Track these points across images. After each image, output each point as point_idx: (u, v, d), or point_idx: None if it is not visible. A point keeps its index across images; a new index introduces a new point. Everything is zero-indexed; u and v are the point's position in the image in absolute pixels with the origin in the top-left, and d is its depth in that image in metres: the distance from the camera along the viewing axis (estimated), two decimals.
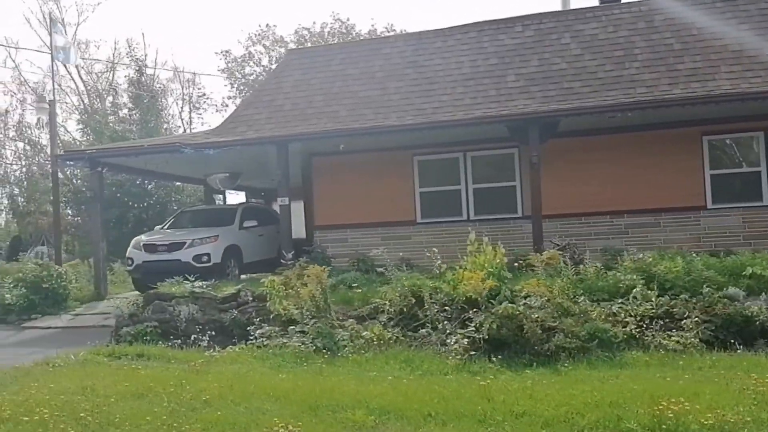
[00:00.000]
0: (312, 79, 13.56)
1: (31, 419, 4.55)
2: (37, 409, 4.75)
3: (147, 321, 8.82)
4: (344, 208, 13.42)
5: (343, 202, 13.40)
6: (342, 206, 13.44)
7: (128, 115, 27.65)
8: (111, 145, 16.38)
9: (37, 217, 39.24)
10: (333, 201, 13.48)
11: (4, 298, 12.03)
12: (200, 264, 12.79)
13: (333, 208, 13.53)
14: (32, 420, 4.53)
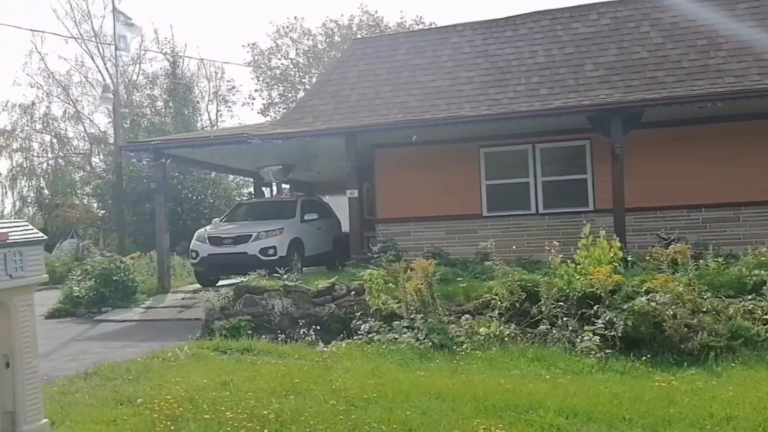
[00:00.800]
0: (378, 69, 13.30)
1: (214, 417, 4.34)
2: (204, 406, 4.54)
3: (239, 315, 8.63)
4: (407, 201, 13.18)
5: (407, 195, 13.16)
6: (405, 199, 13.20)
7: (163, 107, 27.50)
8: (176, 136, 16.22)
9: (65, 210, 39.37)
10: (396, 194, 13.24)
11: (73, 291, 11.90)
12: (266, 257, 12.60)
13: (396, 201, 13.29)
14: (218, 418, 4.32)
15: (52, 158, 40.73)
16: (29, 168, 40.17)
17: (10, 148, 39.96)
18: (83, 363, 7.21)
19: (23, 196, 40.26)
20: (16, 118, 39.97)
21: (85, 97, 43.16)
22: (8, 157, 39.83)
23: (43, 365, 7.32)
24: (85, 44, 41.68)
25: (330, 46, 39.10)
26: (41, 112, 40.74)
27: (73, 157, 42.03)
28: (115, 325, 10.44)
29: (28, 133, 40.42)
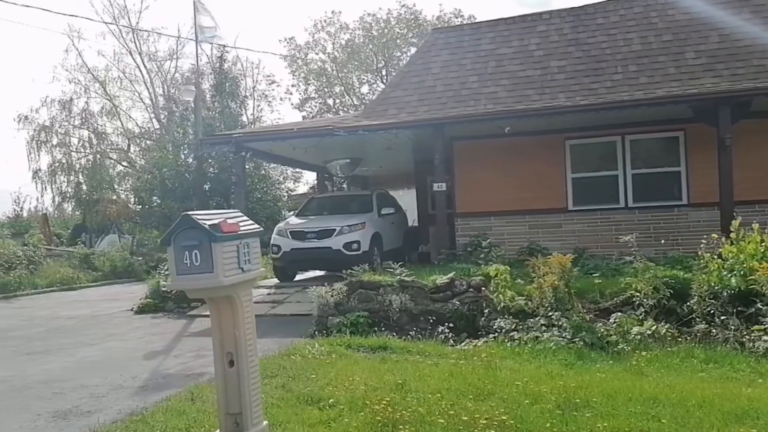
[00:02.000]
0: (462, 59, 12.95)
1: (450, 424, 4.06)
2: (405, 410, 4.26)
3: (354, 310, 8.37)
4: (488, 195, 12.85)
5: (487, 189, 12.83)
6: (486, 193, 12.87)
7: (211, 102, 27.35)
8: (258, 129, 16.06)
9: (104, 206, 39.54)
10: (476, 187, 12.90)
11: (160, 285, 11.74)
12: (350, 252, 12.36)
13: (476, 195, 12.96)
14: (454, 425, 4.04)
15: (90, 154, 40.93)
16: (68, 164, 40.39)
17: (50, 143, 40.26)
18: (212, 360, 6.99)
19: (62, 192, 40.54)
20: (55, 113, 40.21)
21: (122, 92, 43.43)
22: (48, 153, 40.11)
23: (170, 362, 7.16)
24: (124, 39, 41.91)
25: (368, 40, 38.78)
26: (79, 108, 40.96)
27: (110, 153, 42.21)
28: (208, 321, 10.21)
29: (67, 129, 40.64)
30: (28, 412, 5.20)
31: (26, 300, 14.47)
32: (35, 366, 7.07)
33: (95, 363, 7.22)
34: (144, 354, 7.68)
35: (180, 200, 26.82)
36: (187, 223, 3.51)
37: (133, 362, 7.22)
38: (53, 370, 6.85)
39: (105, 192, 41.66)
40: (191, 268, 3.51)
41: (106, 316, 11.18)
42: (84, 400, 5.52)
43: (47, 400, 5.56)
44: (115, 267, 19.16)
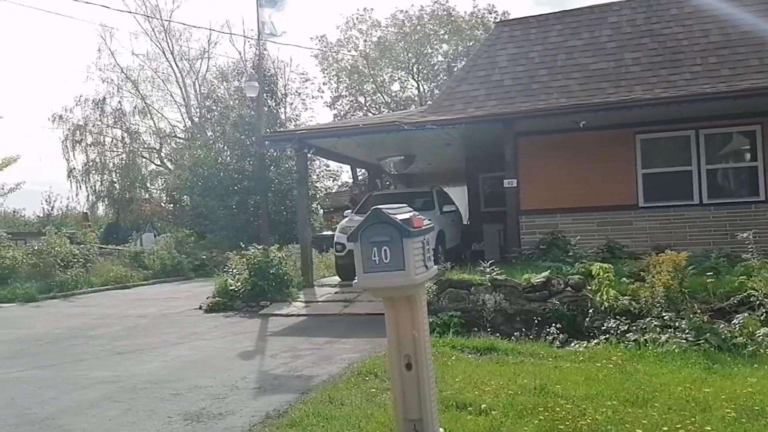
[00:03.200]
0: (530, 52, 12.64)
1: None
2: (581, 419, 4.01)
3: (445, 310, 8.13)
4: (554, 192, 12.52)
5: (553, 185, 12.50)
6: (551, 189, 12.55)
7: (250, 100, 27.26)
8: (322, 126, 15.88)
9: (138, 205, 39.80)
10: (541, 184, 12.58)
11: (228, 284, 11.61)
12: None
13: (541, 192, 12.64)
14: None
15: (123, 153, 41.21)
16: (101, 163, 40.71)
17: (84, 142, 40.62)
18: (311, 360, 6.83)
19: (96, 191, 40.88)
20: (89, 113, 40.52)
21: (154, 91, 43.65)
22: (83, 152, 40.47)
23: (271, 363, 6.97)
24: (156, 38, 42.12)
25: (400, 37, 38.50)
26: (112, 107, 41.24)
27: (143, 152, 42.46)
28: (286, 320, 10.07)
29: (101, 128, 40.95)
30: (156, 414, 5.04)
31: (85, 298, 14.46)
32: (135, 366, 6.93)
33: (193, 363, 7.06)
34: (238, 354, 7.52)
35: (219, 198, 26.84)
36: (378, 218, 3.29)
37: (232, 362, 7.05)
38: (155, 369, 6.71)
39: (137, 191, 41.99)
40: (380, 266, 3.30)
41: (177, 315, 11.08)
42: (206, 401, 5.35)
43: (168, 401, 5.40)
44: (165, 266, 19.16)
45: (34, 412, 5.17)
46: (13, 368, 6.96)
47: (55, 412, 5.16)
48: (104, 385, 6.07)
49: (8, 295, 13.81)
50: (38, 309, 12.74)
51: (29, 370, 6.81)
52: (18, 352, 7.98)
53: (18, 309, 12.78)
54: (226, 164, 27.42)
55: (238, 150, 26.77)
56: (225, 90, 30.78)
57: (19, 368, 6.94)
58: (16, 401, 5.53)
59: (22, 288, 14.07)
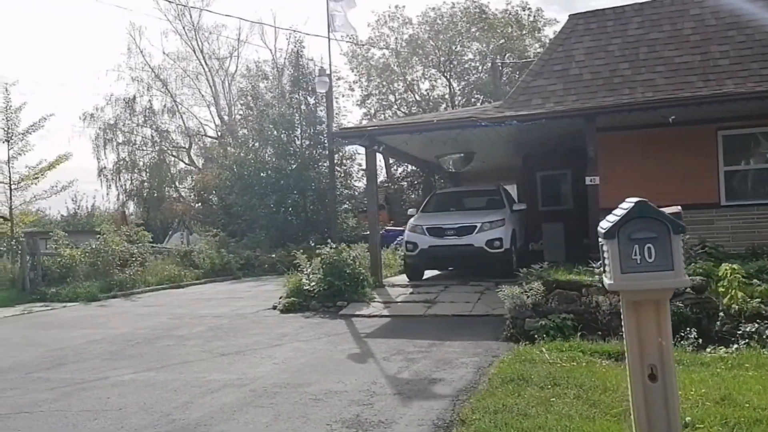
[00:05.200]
0: (608, 45, 12.25)
1: None
2: None
3: (555, 312, 7.78)
4: (631, 189, 12.00)
5: (631, 182, 12.09)
6: (629, 187, 12.08)
7: (289, 98, 27.05)
8: (394, 121, 15.61)
9: (170, 204, 39.76)
10: (619, 181, 12.17)
11: (302, 284, 11.33)
12: (493, 249, 11.85)
13: (620, 190, 12.14)
14: None
15: (152, 152, 41.21)
16: (131, 161, 40.73)
17: (115, 141, 40.66)
18: (429, 364, 6.51)
19: (127, 190, 40.91)
20: (119, 112, 40.55)
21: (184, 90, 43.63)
22: (114, 151, 40.52)
23: (389, 366, 6.65)
24: (187, 37, 42.09)
25: (432, 35, 38.12)
26: (142, 106, 41.25)
27: (172, 151, 42.45)
28: (370, 321, 9.75)
29: (131, 127, 40.97)
30: (311, 420, 4.75)
31: (146, 297, 14.26)
32: (248, 368, 6.65)
33: (307, 365, 6.77)
34: (346, 356, 7.22)
35: (259, 197, 26.65)
36: (644, 212, 2.96)
37: (347, 365, 6.76)
38: (273, 372, 6.43)
39: (166, 190, 41.97)
40: (642, 265, 2.97)
41: (253, 315, 10.82)
42: (354, 407, 5.06)
43: (313, 407, 5.11)
44: (214, 265, 18.97)
45: (180, 418, 4.89)
46: (121, 370, 6.71)
47: (201, 418, 4.89)
48: (232, 388, 5.79)
49: (70, 294, 13.64)
50: (105, 308, 12.53)
51: (141, 373, 6.55)
52: (115, 353, 7.73)
53: (85, 308, 12.58)
54: (265, 162, 27.24)
55: (278, 148, 26.57)
56: (265, 88, 30.52)
57: (128, 370, 6.68)
58: (151, 406, 5.25)
59: (82, 287, 13.89)
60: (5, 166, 16.57)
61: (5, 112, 16.47)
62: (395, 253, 16.63)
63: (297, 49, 27.38)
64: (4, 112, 16.49)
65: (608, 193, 12.33)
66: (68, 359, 7.39)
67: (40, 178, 16.73)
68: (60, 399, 5.54)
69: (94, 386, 6.00)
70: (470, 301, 10.59)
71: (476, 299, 10.69)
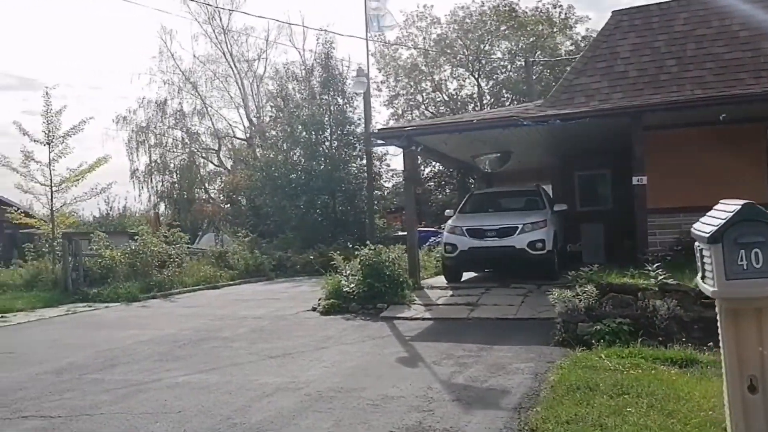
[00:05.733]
0: (654, 41, 11.97)
1: None
2: None
3: (609, 317, 7.56)
4: (678, 190, 11.84)
5: (677, 183, 11.85)
6: (674, 187, 11.87)
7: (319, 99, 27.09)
8: (433, 122, 15.48)
9: (201, 205, 40.13)
10: (665, 182, 11.89)
11: (341, 285, 11.26)
12: (535, 251, 11.65)
13: (664, 190, 11.94)
14: None
15: (183, 154, 41.65)
16: (163, 163, 41.21)
17: (147, 143, 41.18)
18: (482, 369, 6.37)
19: (158, 191, 41.39)
20: (151, 114, 41.05)
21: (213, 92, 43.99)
22: (146, 153, 41.04)
23: (441, 371, 6.51)
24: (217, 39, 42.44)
25: (461, 34, 37.88)
26: (173, 108, 41.71)
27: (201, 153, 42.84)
28: (412, 324, 9.63)
29: (162, 130, 41.44)
30: (373, 427, 4.66)
31: (185, 298, 14.35)
32: (299, 371, 6.59)
33: (358, 369, 6.69)
34: (396, 360, 7.12)
35: (289, 198, 26.72)
36: (751, 214, 2.80)
37: (398, 370, 6.65)
38: (324, 376, 6.35)
39: (196, 191, 42.38)
40: (749, 272, 2.81)
41: (293, 317, 10.78)
42: (414, 414, 4.95)
43: (372, 413, 5.01)
44: (248, 266, 19.04)
45: (241, 422, 4.84)
46: (174, 372, 6.70)
47: (261, 422, 4.82)
48: (286, 392, 5.73)
49: (111, 294, 13.78)
50: (147, 309, 12.63)
51: (193, 375, 6.53)
52: (164, 354, 7.74)
53: (127, 309, 12.70)
54: (295, 164, 27.31)
55: (308, 149, 26.62)
56: (294, 89, 30.62)
57: (180, 372, 6.67)
58: (209, 409, 5.21)
59: (123, 288, 14.03)
60: (46, 169, 16.77)
61: (46, 116, 16.68)
62: (429, 255, 16.51)
63: (327, 50, 27.39)
64: (45, 115, 16.71)
65: (654, 193, 12.10)
66: (119, 360, 7.42)
67: (81, 180, 16.93)
68: (118, 401, 5.54)
69: (149, 388, 5.99)
70: (514, 304, 10.41)
71: (520, 302, 10.51)
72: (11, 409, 5.35)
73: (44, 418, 5.07)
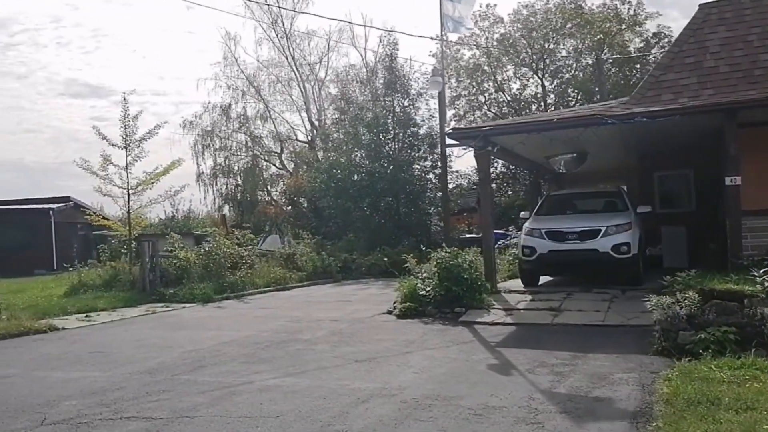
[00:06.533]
0: (747, 35, 11.28)
1: None
2: None
3: (712, 325, 7.08)
4: None
5: None
6: None
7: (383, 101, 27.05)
8: (510, 121, 15.21)
9: (264, 207, 40.81)
10: (760, 182, 11.16)
11: (417, 288, 11.08)
12: (619, 255, 11.14)
13: (759, 191, 11.22)
14: None
15: (246, 157, 42.47)
16: (227, 166, 42.14)
17: (212, 146, 42.22)
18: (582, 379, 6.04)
19: (222, 194, 42.37)
20: (216, 118, 42.01)
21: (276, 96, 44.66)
22: (211, 156, 42.08)
23: (538, 380, 6.24)
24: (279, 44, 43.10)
25: (525, 33, 37.15)
26: (237, 112, 42.57)
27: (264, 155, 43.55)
28: (494, 329, 9.33)
29: (227, 133, 42.36)
30: None
31: (257, 299, 14.49)
32: (389, 377, 6.43)
33: (448, 375, 6.48)
34: (486, 367, 6.87)
35: (353, 200, 26.79)
36: None
37: (491, 377, 6.41)
38: (416, 382, 6.16)
39: (259, 193, 43.14)
40: None
41: (370, 320, 10.67)
42: (522, 426, 4.71)
43: (478, 423, 4.79)
44: (316, 267, 19.12)
45: (342, 429, 4.71)
46: (263, 374, 6.66)
47: (364, 429, 4.68)
48: (381, 398, 5.58)
49: (186, 295, 14.04)
50: (222, 310, 12.80)
51: (283, 378, 6.47)
52: (249, 356, 7.74)
53: (203, 309, 12.91)
54: (358, 165, 27.35)
55: (372, 151, 26.62)
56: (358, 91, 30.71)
57: (268, 375, 6.63)
58: (307, 414, 5.11)
59: (198, 288, 14.27)
60: (123, 172, 17.28)
61: (124, 120, 17.19)
62: (501, 257, 16.14)
63: (390, 52, 27.33)
64: (123, 120, 17.23)
65: (747, 194, 11.41)
66: (207, 361, 7.46)
67: (155, 183, 17.38)
68: (215, 403, 5.51)
69: (242, 391, 5.95)
70: (600, 309, 9.98)
71: (606, 308, 10.06)
72: (113, 409, 5.40)
73: (146, 419, 5.08)
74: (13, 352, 8.61)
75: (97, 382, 6.47)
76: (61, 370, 7.24)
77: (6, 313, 11.25)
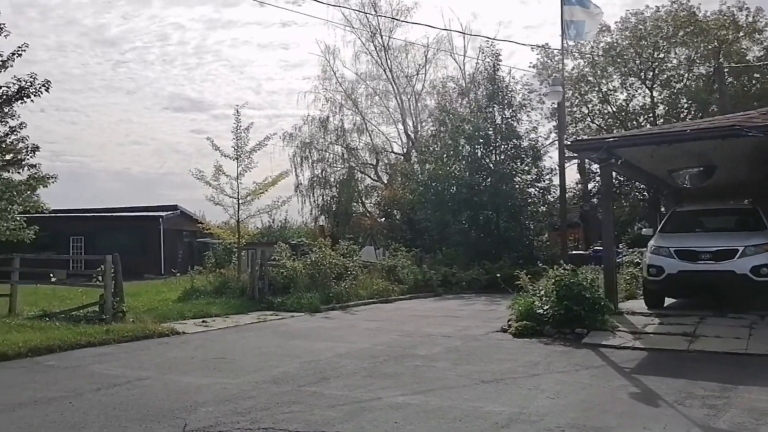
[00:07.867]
0: None
1: None
2: None
3: None
4: None
5: None
6: None
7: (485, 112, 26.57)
8: (636, 132, 14.56)
9: (359, 219, 41.24)
10: None
11: (534, 307, 10.58)
12: (760, 278, 10.12)
13: None
14: None
15: (343, 168, 43.13)
16: (324, 178, 42.97)
17: (310, 158, 43.25)
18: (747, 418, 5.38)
19: (319, 205, 43.24)
20: (314, 130, 42.97)
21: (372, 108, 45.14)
22: (309, 167, 43.11)
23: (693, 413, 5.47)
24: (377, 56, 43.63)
25: (633, 41, 35.49)
26: (335, 125, 43.36)
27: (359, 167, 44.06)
28: (623, 354, 8.66)
29: (324, 145, 43.23)
30: None
31: (362, 311, 14.45)
32: (523, 401, 6.04)
33: (588, 403, 6.02)
34: (629, 395, 6.31)
35: (452, 213, 26.43)
36: None
37: (637, 407, 5.87)
38: (553, 408, 5.73)
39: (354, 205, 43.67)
40: None
41: (485, 337, 10.29)
42: None
43: None
44: (417, 281, 18.93)
45: None
46: (388, 390, 6.47)
47: None
48: (522, 424, 5.23)
49: (294, 304, 14.21)
50: (330, 321, 12.83)
51: (410, 396, 6.23)
52: (369, 370, 7.59)
53: (311, 319, 13.00)
54: (458, 178, 26.96)
55: (471, 164, 26.20)
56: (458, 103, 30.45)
57: (394, 391, 6.42)
58: None
59: (305, 298, 14.42)
60: (234, 182, 17.86)
61: (235, 132, 17.81)
62: None
63: (493, 62, 26.86)
64: (235, 131, 17.84)
65: None
66: (328, 374, 7.36)
67: (264, 192, 17.85)
68: (348, 419, 5.36)
69: (372, 407, 5.78)
70: (740, 336, 9.11)
71: (747, 335, 9.18)
72: (248, 419, 5.36)
73: (283, 431, 4.99)
74: (143, 355, 8.93)
75: (227, 389, 6.51)
76: (190, 375, 7.39)
77: (131, 316, 11.78)
